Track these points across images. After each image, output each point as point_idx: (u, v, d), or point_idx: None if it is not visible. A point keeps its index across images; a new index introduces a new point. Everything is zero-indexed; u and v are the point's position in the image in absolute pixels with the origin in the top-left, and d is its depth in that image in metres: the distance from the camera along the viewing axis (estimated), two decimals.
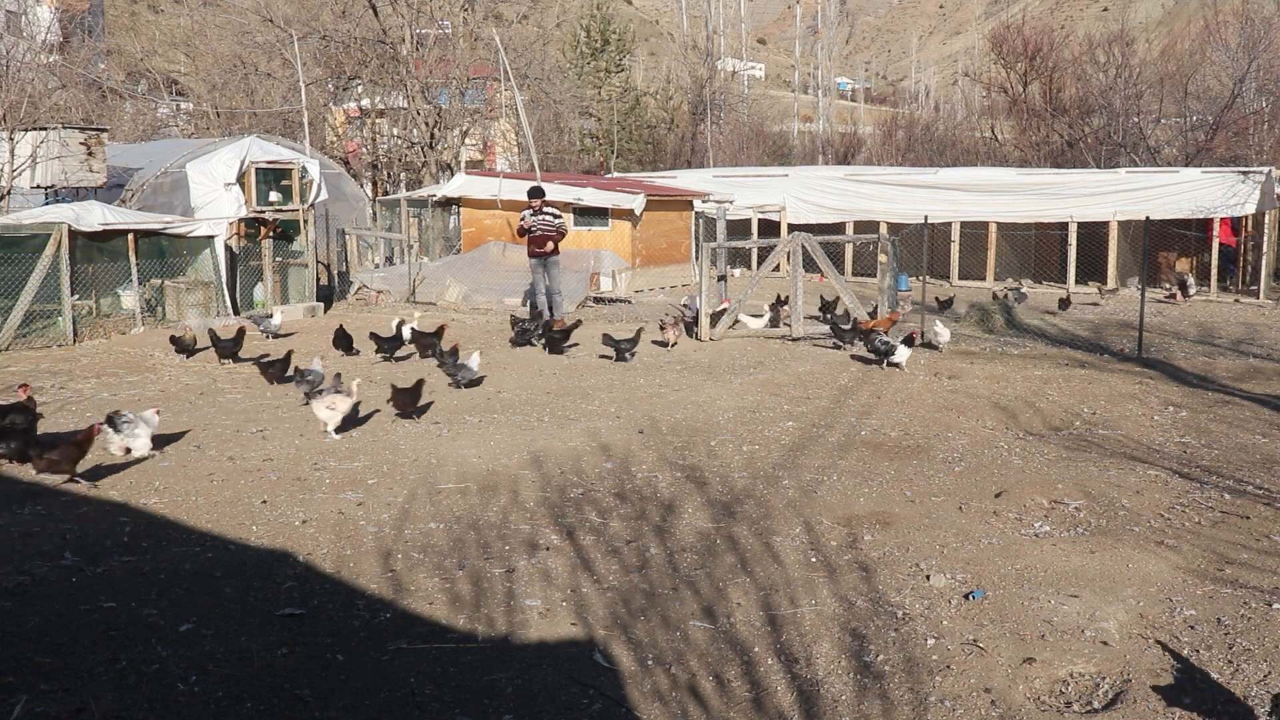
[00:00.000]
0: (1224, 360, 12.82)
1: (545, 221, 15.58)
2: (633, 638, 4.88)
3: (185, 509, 6.69)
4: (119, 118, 28.44)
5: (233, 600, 5.27)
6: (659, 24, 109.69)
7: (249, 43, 27.13)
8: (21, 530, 6.26)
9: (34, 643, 4.75)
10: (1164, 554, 5.96)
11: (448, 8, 27.19)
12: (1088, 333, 15.46)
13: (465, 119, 28.56)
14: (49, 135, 15.29)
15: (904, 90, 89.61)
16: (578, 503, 6.90)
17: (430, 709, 4.24)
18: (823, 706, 4.29)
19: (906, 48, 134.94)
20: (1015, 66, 40.14)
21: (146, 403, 9.99)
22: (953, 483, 7.49)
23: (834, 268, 14.72)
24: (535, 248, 15.62)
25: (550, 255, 15.62)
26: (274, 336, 14.03)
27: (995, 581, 5.55)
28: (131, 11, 53.30)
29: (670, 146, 44.24)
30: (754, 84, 79.56)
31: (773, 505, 6.88)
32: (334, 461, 7.89)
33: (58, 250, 13.36)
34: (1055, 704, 4.35)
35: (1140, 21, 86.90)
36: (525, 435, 8.74)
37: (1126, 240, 22.83)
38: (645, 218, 20.83)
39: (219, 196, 16.03)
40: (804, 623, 5.05)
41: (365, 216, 21.87)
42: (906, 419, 9.54)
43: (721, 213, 17.11)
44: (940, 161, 39.60)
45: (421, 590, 5.42)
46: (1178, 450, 8.45)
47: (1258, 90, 31.05)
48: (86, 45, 30.03)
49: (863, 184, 25.64)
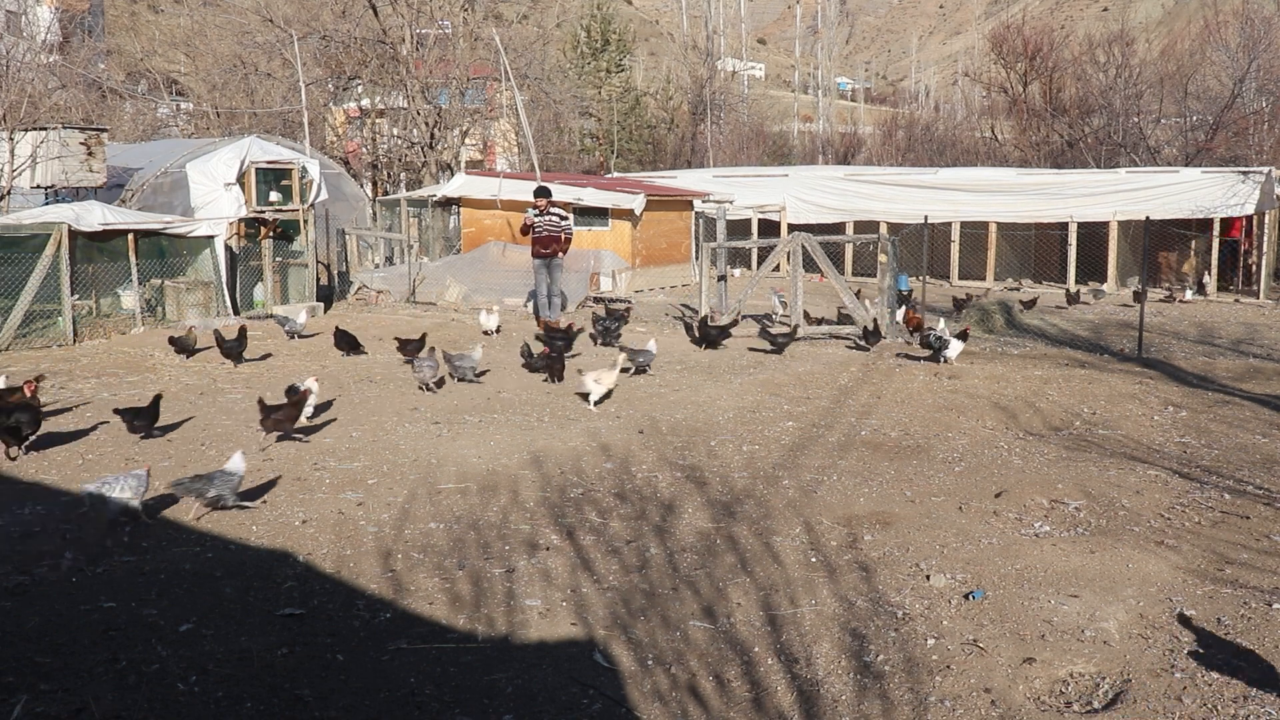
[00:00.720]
0: (1224, 360, 12.82)
1: (551, 222, 15.36)
2: (633, 638, 4.88)
3: (185, 509, 6.69)
4: (119, 118, 28.45)
5: (233, 600, 5.27)
6: (659, 24, 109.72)
7: (249, 43, 27.13)
8: (21, 530, 6.26)
9: (34, 643, 4.75)
10: (1164, 554, 5.96)
11: (448, 8, 27.19)
12: (1088, 333, 15.47)
13: (465, 119, 28.56)
14: (49, 135, 15.28)
15: (904, 90, 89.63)
16: (578, 503, 6.90)
17: (430, 709, 4.24)
18: (823, 706, 4.29)
19: (906, 48, 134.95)
20: (1015, 66, 40.16)
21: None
22: (953, 483, 7.49)
23: (834, 268, 14.72)
24: (540, 248, 15.41)
25: (553, 257, 15.42)
26: (298, 337, 14.01)
27: (995, 581, 5.55)
28: (131, 11, 53.31)
29: (670, 146, 44.25)
30: (754, 84, 79.58)
31: (773, 505, 6.88)
32: (334, 461, 7.89)
33: (58, 250, 13.35)
34: (1055, 704, 4.35)
35: (1140, 21, 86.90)
36: (525, 435, 8.74)
37: (1126, 240, 22.83)
38: (645, 218, 20.82)
39: (219, 196, 16.02)
40: (804, 623, 5.05)
41: (365, 216, 21.87)
42: (906, 419, 9.54)
43: (721, 213, 17.12)
44: (940, 161, 39.61)
45: (421, 590, 5.42)
46: (1178, 450, 8.45)
47: (1258, 90, 31.06)
48: (86, 45, 30.03)
49: (863, 184, 25.65)
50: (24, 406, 7.93)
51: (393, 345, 12.63)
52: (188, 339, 12.33)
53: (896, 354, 13.23)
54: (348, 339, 12.90)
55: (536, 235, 15.37)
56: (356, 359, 12.62)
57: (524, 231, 15.62)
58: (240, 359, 12.07)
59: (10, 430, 7.73)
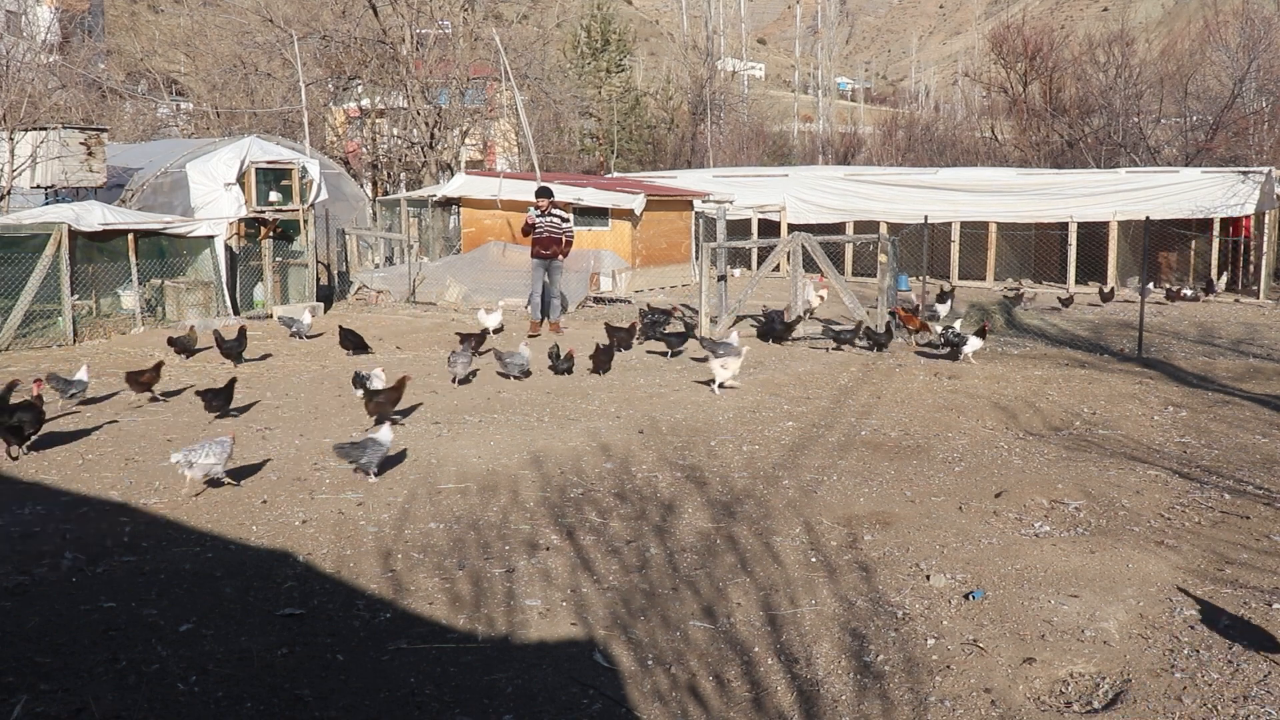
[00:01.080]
0: (1224, 360, 12.82)
1: (552, 223, 15.03)
2: (633, 638, 4.88)
3: (185, 509, 6.69)
4: (119, 118, 28.44)
5: (233, 600, 5.27)
6: (659, 24, 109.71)
7: (249, 43, 27.13)
8: (21, 530, 6.26)
9: (34, 643, 4.75)
10: (1164, 554, 5.96)
11: (448, 8, 27.19)
12: (1088, 333, 15.47)
13: (465, 119, 28.56)
14: (49, 135, 15.28)
15: (904, 90, 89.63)
16: (578, 503, 6.90)
17: (430, 709, 4.24)
18: (823, 706, 4.29)
19: (906, 48, 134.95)
20: (1015, 66, 40.15)
21: (147, 401, 10.01)
22: (953, 483, 7.49)
23: (834, 268, 14.72)
24: (540, 249, 15.09)
25: (553, 259, 15.10)
26: (305, 337, 14.01)
27: (995, 581, 5.55)
28: (131, 11, 53.30)
29: (670, 146, 44.24)
30: (754, 84, 79.56)
31: (773, 505, 6.88)
32: (334, 461, 7.88)
33: (58, 250, 13.35)
34: (1055, 704, 4.35)
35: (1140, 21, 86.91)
36: (525, 435, 8.74)
37: (1126, 240, 22.83)
38: (645, 218, 20.83)
39: (219, 196, 16.02)
40: (804, 623, 5.05)
41: (365, 216, 21.87)
42: (906, 419, 9.54)
43: (721, 213, 17.11)
44: (940, 161, 39.61)
45: (421, 590, 5.42)
46: (1178, 450, 8.45)
47: (1258, 90, 31.05)
48: (86, 45, 30.02)
49: (863, 184, 25.64)
50: (26, 406, 7.94)
51: (393, 346, 12.64)
52: (188, 339, 12.33)
53: (915, 350, 13.37)
54: (353, 338, 12.91)
55: (537, 236, 15.09)
56: (357, 358, 12.62)
57: (525, 232, 15.33)
58: (240, 359, 12.07)
59: (12, 429, 7.74)
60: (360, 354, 12.80)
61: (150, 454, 8.05)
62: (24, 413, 7.81)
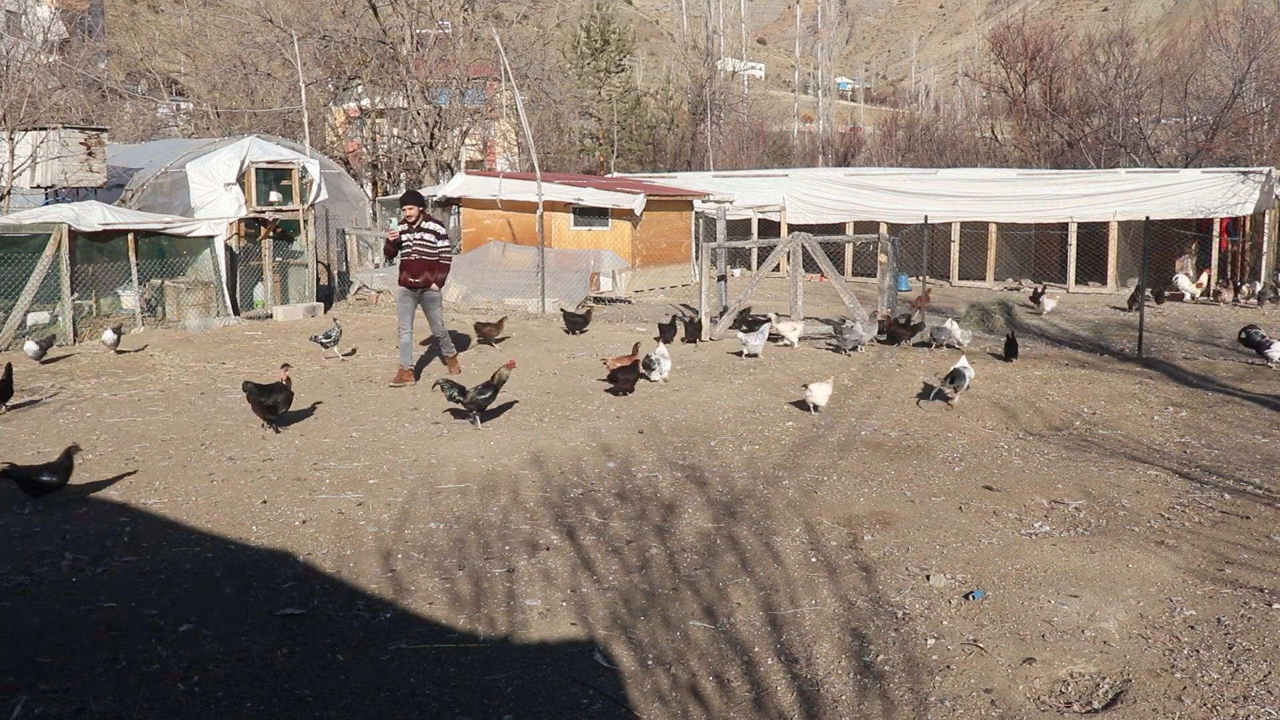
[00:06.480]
0: (1224, 360, 12.81)
1: (423, 240, 11.07)
2: (633, 638, 4.88)
3: (185, 509, 6.69)
4: (119, 118, 28.45)
5: (233, 600, 5.27)
6: (659, 24, 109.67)
7: (249, 43, 27.12)
8: (21, 530, 6.26)
9: (34, 643, 4.75)
10: (1164, 554, 5.96)
11: (448, 8, 27.18)
12: (1088, 333, 15.47)
13: (465, 119, 28.55)
14: (49, 135, 15.29)
15: (904, 90, 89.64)
16: (578, 503, 6.90)
17: (430, 709, 4.24)
18: (823, 706, 4.28)
19: (906, 48, 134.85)
20: (1015, 66, 40.13)
21: (147, 401, 10.00)
22: (953, 483, 7.49)
23: (834, 268, 14.72)
24: (408, 275, 11.11)
25: (425, 288, 11.15)
26: (334, 347, 13.94)
27: (995, 581, 5.55)
28: (131, 11, 53.33)
29: (670, 147, 44.21)
30: (754, 84, 79.52)
31: (773, 505, 6.88)
32: (334, 462, 7.89)
33: (58, 250, 13.36)
34: (1055, 704, 4.34)
35: (1140, 21, 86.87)
36: (525, 435, 8.74)
37: (1126, 240, 22.83)
38: (645, 218, 20.82)
39: (219, 196, 16.03)
40: (804, 623, 5.04)
41: (365, 216, 21.88)
42: (906, 419, 9.54)
43: (721, 213, 17.12)
44: (940, 161, 39.59)
45: (421, 590, 5.42)
46: (1178, 450, 8.45)
47: (1258, 90, 31.02)
48: (86, 45, 30.01)
49: (863, 184, 25.64)
50: (278, 388, 8.90)
51: (394, 346, 12.60)
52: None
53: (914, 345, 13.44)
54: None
55: (405, 258, 11.14)
56: (357, 358, 12.62)
57: (387, 253, 11.50)
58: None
59: (268, 409, 8.77)
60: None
61: (149, 454, 8.05)
62: (277, 394, 8.87)
